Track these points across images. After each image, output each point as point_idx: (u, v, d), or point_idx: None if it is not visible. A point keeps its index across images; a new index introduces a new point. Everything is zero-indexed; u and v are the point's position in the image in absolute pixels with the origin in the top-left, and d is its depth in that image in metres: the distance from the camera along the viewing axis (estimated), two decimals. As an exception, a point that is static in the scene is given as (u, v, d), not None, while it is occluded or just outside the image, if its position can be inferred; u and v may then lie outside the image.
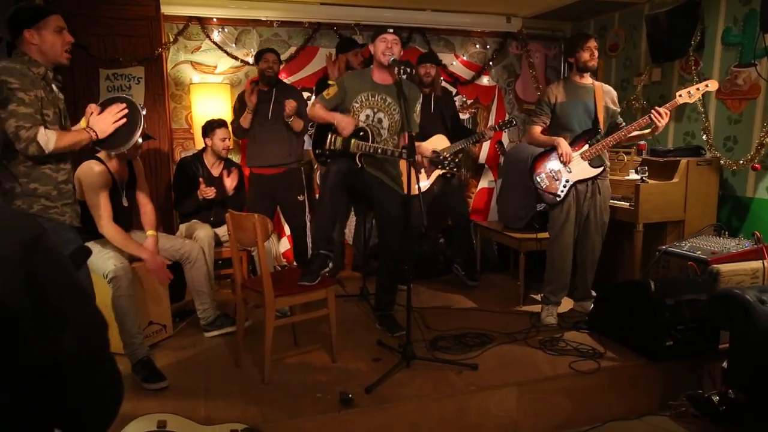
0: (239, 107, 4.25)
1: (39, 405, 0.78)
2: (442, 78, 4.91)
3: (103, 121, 2.48)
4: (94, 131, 2.45)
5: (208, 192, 3.82)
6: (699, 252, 3.40)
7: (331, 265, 3.19)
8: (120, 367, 0.97)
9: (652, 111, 3.39)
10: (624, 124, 3.66)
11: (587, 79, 3.64)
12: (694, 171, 3.86)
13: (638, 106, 4.74)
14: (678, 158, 3.92)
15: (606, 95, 3.64)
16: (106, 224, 3.01)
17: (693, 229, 3.83)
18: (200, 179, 3.88)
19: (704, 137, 4.11)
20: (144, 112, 2.59)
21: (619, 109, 3.73)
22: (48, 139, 2.29)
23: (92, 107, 2.54)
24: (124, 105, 2.52)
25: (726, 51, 3.99)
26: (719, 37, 4.03)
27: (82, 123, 2.51)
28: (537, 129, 3.71)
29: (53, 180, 2.40)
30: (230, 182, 3.98)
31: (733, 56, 3.94)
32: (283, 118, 4.05)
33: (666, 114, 3.37)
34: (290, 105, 3.98)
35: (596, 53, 3.55)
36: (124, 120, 2.51)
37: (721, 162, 3.95)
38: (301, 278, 3.06)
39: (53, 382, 0.79)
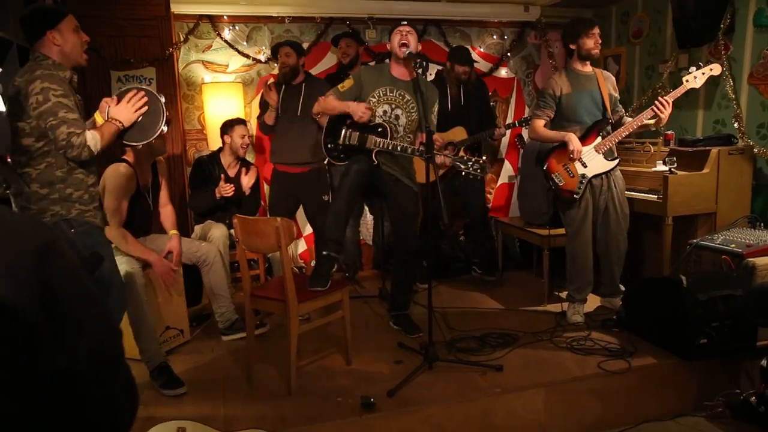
0: (264, 102, 4.16)
1: (54, 415, 0.76)
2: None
3: (124, 110, 2.41)
4: (118, 121, 2.39)
5: (227, 189, 3.76)
6: (733, 245, 3.25)
7: (337, 266, 3.09)
8: (138, 374, 0.95)
9: (656, 102, 3.31)
10: (623, 111, 3.60)
11: (588, 67, 3.54)
12: (726, 161, 3.71)
13: (664, 94, 4.55)
14: (708, 148, 3.76)
15: (607, 81, 3.55)
16: (113, 228, 2.99)
17: (725, 222, 3.67)
18: (221, 176, 3.83)
19: (736, 125, 3.93)
20: (163, 99, 2.51)
21: (618, 96, 3.64)
22: (96, 140, 2.30)
23: (107, 100, 2.46)
24: (143, 93, 2.45)
25: (758, 33, 3.81)
26: (751, 19, 3.84)
27: (97, 118, 2.43)
28: (540, 123, 3.56)
29: (85, 184, 2.42)
30: (247, 180, 3.92)
31: (765, 39, 3.76)
32: (312, 115, 3.88)
33: (669, 104, 3.29)
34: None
35: (600, 41, 3.44)
36: (146, 107, 2.45)
37: (755, 150, 3.77)
38: (312, 284, 2.97)
39: (68, 392, 0.76)
